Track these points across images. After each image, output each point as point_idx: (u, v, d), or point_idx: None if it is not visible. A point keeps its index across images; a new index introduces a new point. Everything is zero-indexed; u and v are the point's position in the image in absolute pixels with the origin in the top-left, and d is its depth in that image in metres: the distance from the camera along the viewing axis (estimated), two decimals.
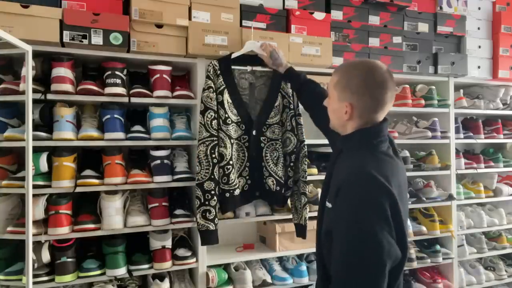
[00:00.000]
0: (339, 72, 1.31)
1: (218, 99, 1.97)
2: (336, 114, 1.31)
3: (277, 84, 2.11)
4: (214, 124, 1.94)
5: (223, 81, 1.97)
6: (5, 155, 1.99)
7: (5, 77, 1.99)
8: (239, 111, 2.02)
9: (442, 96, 2.92)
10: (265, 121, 2.07)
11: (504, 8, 3.08)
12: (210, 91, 1.94)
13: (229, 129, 1.97)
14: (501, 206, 3.20)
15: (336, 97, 1.29)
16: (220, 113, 1.96)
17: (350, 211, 1.07)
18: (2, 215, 1.93)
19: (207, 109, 1.93)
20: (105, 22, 1.94)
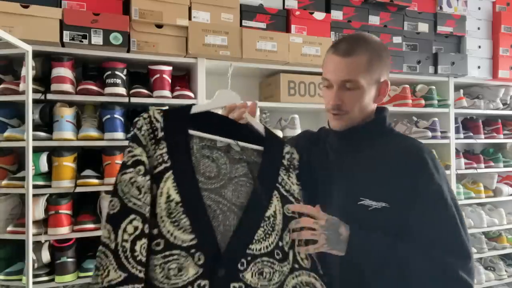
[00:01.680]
0: (360, 50, 1.05)
1: (152, 190, 0.89)
2: (365, 104, 1.09)
3: (271, 177, 1.02)
4: (141, 249, 0.84)
5: (168, 153, 0.90)
6: (5, 155, 1.99)
7: (5, 77, 1.99)
8: (195, 223, 0.89)
9: (442, 96, 2.92)
10: (245, 248, 0.93)
11: (504, 8, 3.08)
12: (138, 171, 0.87)
13: (154, 263, 0.86)
14: (501, 206, 3.20)
15: (370, 81, 1.07)
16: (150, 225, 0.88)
17: (444, 189, 1.02)
18: (2, 215, 1.93)
19: (127, 212, 0.84)
20: (105, 22, 1.94)
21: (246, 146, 1.01)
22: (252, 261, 0.92)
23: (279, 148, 1.04)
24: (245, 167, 1.00)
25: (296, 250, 0.97)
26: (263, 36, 2.25)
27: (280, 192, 1.00)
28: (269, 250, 0.94)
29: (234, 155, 0.99)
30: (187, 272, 0.86)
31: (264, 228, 0.95)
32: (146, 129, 0.90)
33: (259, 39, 2.23)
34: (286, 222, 0.98)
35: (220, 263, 0.88)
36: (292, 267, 0.96)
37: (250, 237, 0.93)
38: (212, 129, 0.97)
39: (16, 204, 2.00)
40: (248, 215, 0.95)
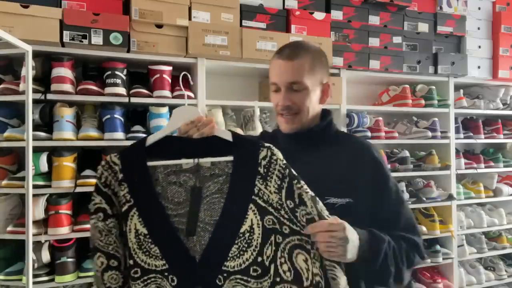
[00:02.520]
0: (302, 53, 1.13)
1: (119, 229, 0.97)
2: (312, 105, 1.15)
3: (245, 188, 0.95)
4: (108, 278, 0.94)
5: (129, 193, 0.95)
6: (5, 155, 1.99)
7: (5, 77, 1.99)
8: (164, 249, 0.95)
9: (442, 96, 2.92)
10: (220, 266, 0.94)
11: (504, 8, 3.08)
12: (98, 217, 0.96)
13: (147, 286, 0.95)
14: (501, 206, 3.20)
15: (314, 83, 1.14)
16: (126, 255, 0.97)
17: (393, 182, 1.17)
18: (2, 215, 1.93)
19: (95, 250, 0.96)
20: (105, 22, 1.94)
21: (215, 161, 0.96)
22: (228, 278, 0.93)
23: (253, 154, 0.94)
24: (218, 182, 0.96)
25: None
26: (263, 36, 2.25)
27: (257, 204, 0.93)
28: (243, 268, 0.92)
29: (205, 173, 0.96)
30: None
31: (239, 245, 0.93)
32: (106, 176, 0.95)
33: (259, 39, 2.23)
34: (267, 235, 0.93)
35: (196, 281, 0.93)
36: (273, 281, 0.92)
37: (225, 254, 0.93)
38: (175, 152, 0.96)
39: (16, 204, 2.00)
40: (220, 233, 0.93)
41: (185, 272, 0.94)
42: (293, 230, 0.92)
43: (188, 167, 0.96)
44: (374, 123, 2.64)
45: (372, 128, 2.62)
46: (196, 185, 0.96)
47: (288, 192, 0.92)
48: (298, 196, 0.92)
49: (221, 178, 0.96)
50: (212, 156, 0.96)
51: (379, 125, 2.65)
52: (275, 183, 0.93)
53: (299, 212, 0.92)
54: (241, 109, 2.41)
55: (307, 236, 0.92)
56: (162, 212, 0.95)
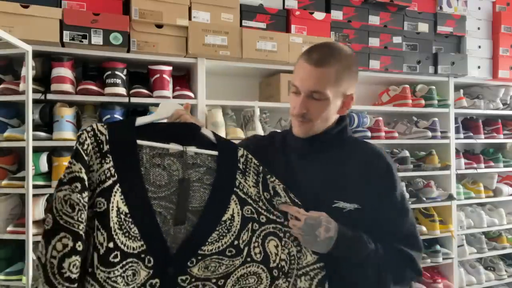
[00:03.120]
0: (332, 61, 1.07)
1: (98, 206, 0.90)
2: (329, 115, 1.13)
3: (228, 181, 1.04)
4: (68, 266, 0.84)
5: (114, 167, 0.91)
6: (5, 155, 1.99)
7: (5, 77, 1.99)
8: (143, 230, 0.94)
9: (442, 96, 2.92)
10: (196, 250, 0.99)
11: (504, 8, 3.08)
12: (74, 188, 0.85)
13: (115, 274, 0.89)
14: (501, 206, 3.20)
15: (337, 93, 1.10)
16: (97, 240, 0.89)
17: (399, 192, 1.13)
18: (2, 215, 1.93)
19: (58, 229, 0.85)
20: (105, 22, 1.94)
21: (199, 152, 1.03)
22: (201, 260, 0.99)
23: (233, 152, 1.06)
24: (199, 172, 1.03)
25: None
26: (263, 36, 2.25)
27: (238, 195, 1.04)
28: (220, 250, 1.01)
29: (187, 160, 1.02)
30: (139, 276, 0.93)
31: (219, 231, 1.02)
32: (89, 143, 0.89)
33: (259, 39, 2.23)
34: (245, 223, 1.04)
35: (170, 263, 0.96)
36: (245, 260, 1.03)
37: (204, 240, 1.00)
38: (163, 136, 0.99)
39: (16, 204, 2.00)
40: (204, 220, 1.01)
41: (162, 253, 0.95)
42: (269, 219, 1.06)
43: (173, 151, 1.00)
44: (374, 123, 2.64)
45: (372, 128, 2.62)
46: (184, 176, 1.00)
47: (264, 185, 1.06)
48: (272, 188, 1.06)
49: (202, 169, 1.03)
50: (197, 147, 1.03)
51: (379, 125, 2.65)
52: (253, 178, 1.06)
53: (275, 201, 1.06)
54: (241, 109, 2.41)
55: (281, 224, 1.06)
56: (143, 192, 0.94)
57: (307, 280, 1.03)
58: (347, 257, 1.05)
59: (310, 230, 1.01)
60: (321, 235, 1.00)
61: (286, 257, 1.04)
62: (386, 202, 1.10)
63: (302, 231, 1.02)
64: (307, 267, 1.04)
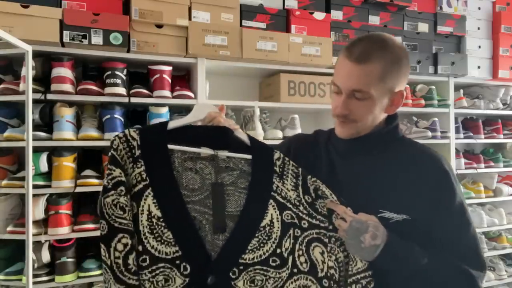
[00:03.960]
0: (375, 58, 0.97)
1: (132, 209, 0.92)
2: (375, 114, 1.03)
3: (265, 186, 1.00)
4: (133, 261, 0.89)
5: (145, 172, 0.92)
6: (5, 155, 1.99)
7: (5, 77, 1.99)
8: (178, 235, 0.92)
9: (442, 96, 2.92)
10: (237, 258, 0.94)
11: (504, 8, 3.08)
12: (120, 192, 0.89)
13: (142, 277, 0.90)
14: (501, 206, 3.20)
15: (383, 91, 1.00)
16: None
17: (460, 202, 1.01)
18: (2, 215, 1.93)
19: (115, 231, 0.88)
20: (105, 22, 1.94)
21: (231, 155, 0.98)
22: (244, 270, 0.93)
23: (268, 155, 1.01)
24: (232, 175, 0.99)
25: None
26: (263, 36, 2.25)
27: (276, 200, 0.98)
28: (263, 259, 0.95)
29: (220, 163, 0.98)
30: (174, 282, 0.90)
31: (259, 238, 0.95)
32: (122, 149, 0.91)
33: (259, 39, 2.23)
34: (286, 229, 0.97)
35: (209, 270, 0.91)
36: (291, 272, 0.96)
37: (244, 247, 0.94)
38: (194, 140, 0.97)
39: (16, 204, 2.00)
40: (242, 226, 0.96)
41: (199, 260, 0.91)
42: (312, 224, 0.98)
43: (205, 155, 0.97)
44: None
45: None
46: (217, 181, 0.97)
47: (304, 188, 0.99)
48: (314, 190, 0.99)
49: (235, 172, 0.99)
50: (229, 151, 0.98)
51: None
52: (291, 181, 1.00)
53: (318, 204, 0.99)
54: (241, 109, 2.41)
55: (325, 229, 0.97)
56: (178, 196, 0.92)
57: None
58: (393, 269, 0.95)
59: (355, 234, 0.90)
60: (365, 241, 0.89)
61: (334, 264, 0.96)
62: (442, 213, 0.98)
63: (346, 234, 0.92)
64: (357, 275, 0.95)
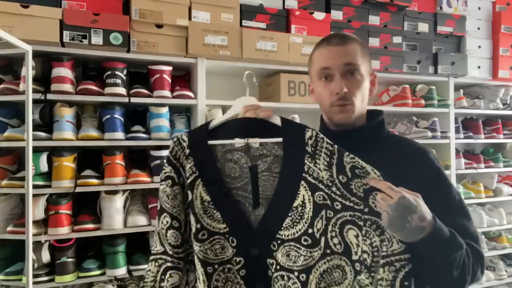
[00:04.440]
0: (352, 40, 1.09)
1: (188, 196, 1.10)
2: (365, 95, 1.10)
3: (296, 167, 1.04)
4: (170, 236, 1.09)
5: (195, 166, 1.10)
6: (5, 155, 1.99)
7: (5, 77, 1.99)
8: (225, 215, 1.08)
9: (442, 96, 2.92)
10: (275, 234, 1.04)
11: (504, 8, 3.08)
12: (167, 183, 1.10)
13: (204, 247, 1.07)
14: (501, 206, 3.20)
15: (366, 70, 1.09)
16: (190, 222, 1.11)
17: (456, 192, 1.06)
18: (2, 215, 1.93)
19: (162, 210, 1.12)
20: (105, 22, 1.94)
21: (264, 142, 1.07)
22: (281, 244, 1.03)
23: (300, 135, 1.03)
24: (266, 162, 1.07)
25: None
26: (263, 36, 2.25)
27: (307, 181, 1.01)
28: (296, 237, 1.02)
29: (254, 153, 1.08)
30: (227, 250, 1.07)
31: (292, 217, 1.02)
32: (176, 150, 1.11)
33: (259, 39, 2.23)
34: (318, 210, 1.00)
35: (252, 244, 1.05)
36: (324, 252, 0.99)
37: (279, 224, 1.04)
38: (230, 133, 1.09)
39: (16, 204, 2.00)
40: (275, 206, 1.05)
41: (243, 234, 1.06)
42: (345, 205, 0.98)
43: (239, 146, 1.08)
44: None
45: None
46: (248, 164, 1.08)
47: (339, 167, 0.99)
48: (350, 169, 0.97)
49: (269, 158, 1.07)
50: (261, 137, 1.07)
51: None
52: (324, 161, 1.00)
53: (354, 184, 0.97)
54: None
55: (360, 212, 0.95)
56: (222, 183, 1.09)
57: (391, 272, 0.92)
58: (429, 256, 0.92)
59: (403, 212, 0.86)
60: (413, 221, 0.86)
61: (368, 248, 0.94)
62: (443, 204, 0.99)
63: (391, 210, 0.86)
64: (392, 256, 0.92)
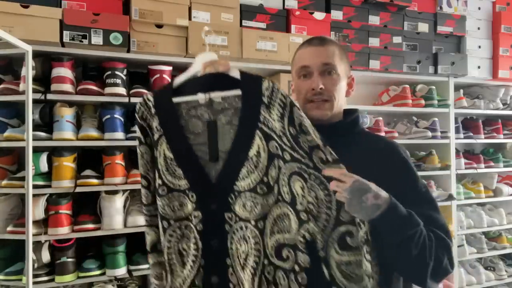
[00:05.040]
0: (331, 42, 1.16)
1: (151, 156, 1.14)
2: (341, 94, 1.15)
3: (252, 117, 1.05)
4: (141, 195, 1.19)
5: (159, 124, 1.11)
6: (5, 155, 1.99)
7: (5, 77, 1.99)
8: (187, 171, 1.10)
9: (442, 96, 2.92)
10: (231, 186, 1.06)
11: (504, 8, 3.08)
12: (138, 143, 1.15)
13: (163, 203, 1.11)
14: (501, 206, 3.20)
15: (344, 71, 1.15)
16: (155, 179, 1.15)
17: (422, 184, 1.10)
18: (2, 215, 1.93)
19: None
20: (105, 22, 1.94)
21: (223, 95, 1.08)
22: (238, 196, 1.06)
23: (257, 86, 1.05)
24: (228, 115, 1.09)
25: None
26: (263, 36, 2.25)
27: (262, 130, 1.04)
28: (252, 187, 1.05)
29: (217, 107, 1.10)
30: (186, 207, 1.11)
31: (247, 167, 1.05)
32: (143, 110, 1.15)
33: (259, 39, 2.24)
34: (271, 159, 1.03)
35: (210, 198, 1.09)
36: (277, 199, 1.04)
37: (235, 175, 1.06)
38: (194, 90, 1.10)
39: (16, 204, 2.00)
40: (232, 157, 1.08)
41: (203, 189, 1.09)
42: (294, 157, 1.01)
43: (203, 102, 1.09)
44: (374, 123, 2.64)
45: (372, 128, 2.62)
46: (211, 119, 1.09)
47: (290, 119, 1.01)
48: (299, 124, 1.00)
49: (230, 111, 1.08)
50: (222, 91, 1.08)
51: (379, 125, 2.65)
52: (278, 111, 1.02)
53: (301, 139, 1.00)
54: None
55: (305, 165, 0.99)
56: (185, 140, 1.11)
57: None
58: (388, 232, 0.96)
59: (357, 193, 0.92)
60: (368, 200, 0.92)
61: (313, 200, 0.99)
62: (410, 195, 1.03)
63: (347, 194, 0.92)
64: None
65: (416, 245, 0.96)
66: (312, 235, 0.98)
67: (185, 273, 1.10)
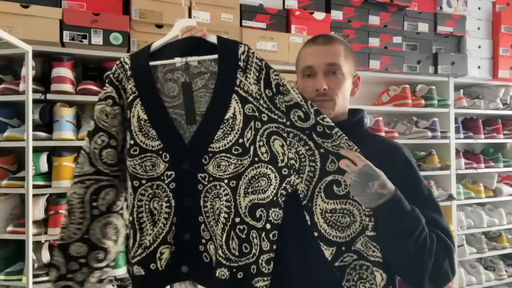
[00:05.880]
0: (337, 41, 1.14)
1: (127, 115, 1.14)
2: (346, 94, 1.14)
3: (228, 81, 1.09)
4: (105, 154, 1.12)
5: (135, 86, 1.12)
6: (5, 155, 1.99)
7: (5, 77, 1.99)
8: (160, 132, 1.12)
9: (442, 96, 2.92)
10: (207, 145, 1.09)
11: (504, 8, 3.08)
12: (107, 103, 1.12)
13: (134, 163, 1.11)
14: (501, 206, 3.20)
15: (348, 70, 1.13)
16: (126, 139, 1.14)
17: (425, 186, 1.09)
18: (2, 215, 1.93)
19: (97, 130, 1.12)
20: (105, 22, 1.94)
21: (200, 59, 1.10)
22: (213, 157, 1.09)
23: (233, 50, 1.08)
24: (204, 78, 1.11)
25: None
26: (263, 36, 2.25)
27: (238, 94, 1.07)
28: (227, 147, 1.08)
29: (193, 71, 1.12)
30: (158, 167, 1.12)
31: (223, 129, 1.08)
32: (119, 72, 1.14)
33: (259, 39, 2.24)
34: (247, 121, 1.06)
35: (184, 158, 1.11)
36: (252, 160, 1.06)
37: (210, 137, 1.09)
38: (171, 54, 1.12)
39: (16, 204, 2.00)
40: (208, 119, 1.10)
41: (176, 150, 1.12)
42: (271, 118, 1.05)
43: (180, 65, 1.11)
44: (374, 123, 2.64)
45: (372, 128, 2.62)
46: (186, 81, 1.11)
47: (266, 82, 1.05)
48: (275, 86, 1.04)
49: (207, 75, 1.11)
50: (198, 55, 1.10)
51: (379, 125, 2.65)
52: (254, 75, 1.06)
53: (278, 100, 1.04)
54: None
55: (283, 124, 1.03)
56: (160, 102, 1.13)
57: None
58: (387, 223, 0.96)
59: (364, 178, 0.93)
60: (373, 187, 0.93)
61: (294, 156, 1.02)
62: (413, 197, 1.01)
63: (355, 176, 0.94)
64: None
65: (415, 241, 0.95)
66: (293, 186, 1.02)
67: (155, 231, 1.12)
